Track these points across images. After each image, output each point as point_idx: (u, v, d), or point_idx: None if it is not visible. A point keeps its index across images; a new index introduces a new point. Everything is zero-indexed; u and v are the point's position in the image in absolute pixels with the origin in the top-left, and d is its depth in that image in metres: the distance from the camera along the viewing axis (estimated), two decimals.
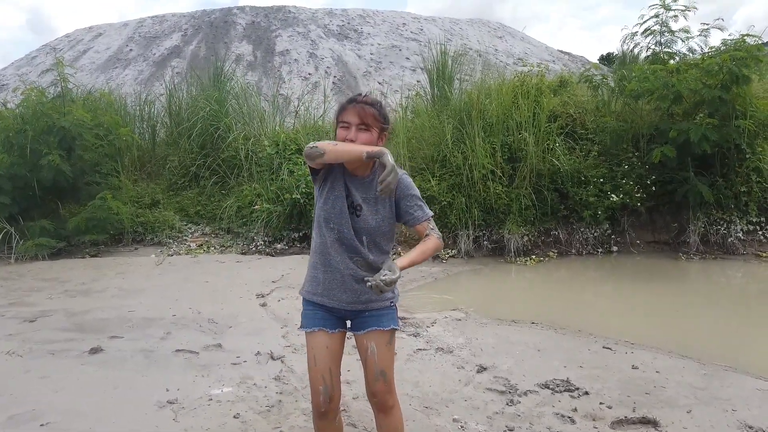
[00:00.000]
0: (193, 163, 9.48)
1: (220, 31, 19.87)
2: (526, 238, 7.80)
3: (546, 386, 3.47)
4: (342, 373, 2.31)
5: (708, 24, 8.39)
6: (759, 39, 7.88)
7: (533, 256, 7.76)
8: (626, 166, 8.16)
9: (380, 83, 16.39)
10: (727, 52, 7.54)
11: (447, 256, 7.65)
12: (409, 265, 2.06)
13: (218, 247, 8.20)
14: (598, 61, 18.24)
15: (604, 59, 19.76)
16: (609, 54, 20.37)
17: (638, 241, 8.20)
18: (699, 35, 8.45)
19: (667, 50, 8.71)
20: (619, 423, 3.03)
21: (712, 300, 6.25)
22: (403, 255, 2.15)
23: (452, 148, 8.07)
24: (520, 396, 3.34)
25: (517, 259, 7.63)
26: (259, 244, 8.05)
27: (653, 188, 8.02)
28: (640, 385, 3.52)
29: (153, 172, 10.07)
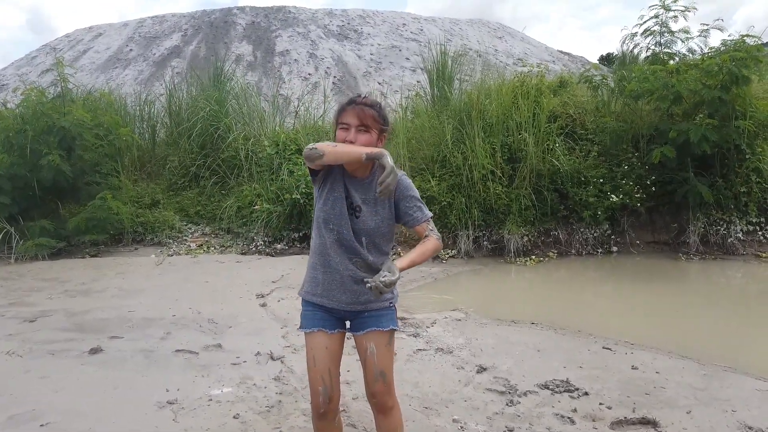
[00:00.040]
0: (193, 163, 9.48)
1: (220, 31, 19.87)
2: (526, 239, 7.81)
3: (546, 387, 3.48)
4: (342, 373, 2.31)
5: (708, 24, 8.40)
6: (759, 39, 7.89)
7: (533, 257, 7.76)
8: (626, 167, 8.17)
9: (380, 83, 16.40)
10: (726, 52, 7.54)
11: (447, 256, 7.66)
12: (408, 266, 2.06)
13: (218, 248, 8.21)
14: (598, 62, 18.24)
15: (604, 59, 19.75)
16: (609, 54, 20.36)
17: (638, 242, 8.21)
18: (699, 36, 8.47)
19: (666, 51, 8.72)
20: (619, 423, 3.03)
21: (712, 300, 6.25)
22: (402, 255, 2.15)
23: (452, 149, 8.08)
24: (519, 396, 3.34)
25: (517, 259, 7.64)
26: (259, 244, 8.05)
27: (653, 189, 8.02)
28: (639, 385, 3.53)
29: (153, 172, 10.07)
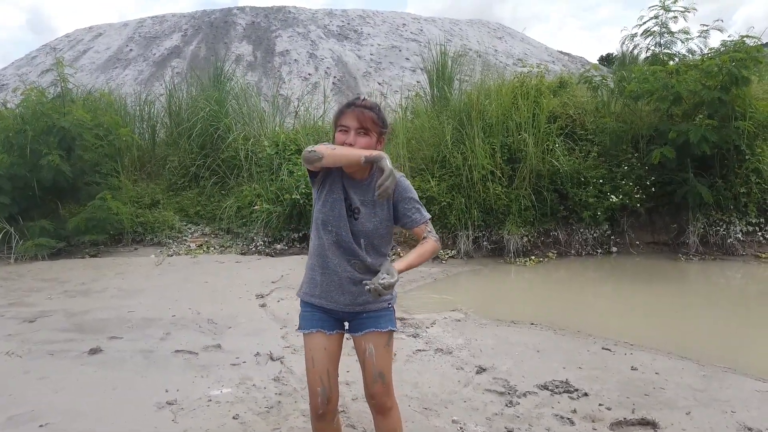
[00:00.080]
0: (193, 163, 9.48)
1: (220, 31, 19.87)
2: (526, 239, 7.81)
3: (545, 387, 3.48)
4: (341, 374, 2.31)
5: (707, 25, 8.43)
6: (758, 40, 7.89)
7: (533, 257, 7.77)
8: (626, 167, 8.17)
9: (380, 84, 16.40)
10: (726, 53, 7.55)
11: (446, 256, 7.66)
12: (406, 268, 2.07)
13: (218, 248, 8.21)
14: (598, 62, 18.28)
15: (604, 60, 19.77)
16: (609, 55, 20.39)
17: (637, 242, 8.21)
18: (698, 36, 8.50)
19: (666, 51, 8.73)
20: (618, 424, 3.03)
21: (712, 301, 6.25)
22: (402, 256, 2.16)
23: (452, 149, 8.08)
24: (519, 397, 3.34)
25: (517, 259, 7.64)
26: (258, 244, 8.05)
27: (653, 189, 8.02)
28: (639, 386, 3.53)
29: (153, 173, 10.07)
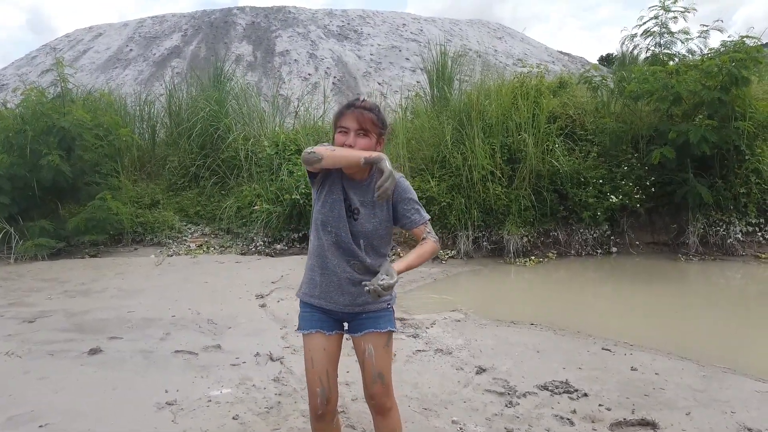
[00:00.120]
0: (193, 163, 9.48)
1: (220, 31, 19.87)
2: (526, 239, 7.81)
3: (545, 388, 3.48)
4: (341, 374, 2.31)
5: (707, 25, 8.42)
6: (758, 40, 7.89)
7: (532, 257, 7.76)
8: (625, 168, 8.17)
9: (380, 84, 16.40)
10: (726, 53, 7.54)
11: (446, 256, 7.66)
12: (406, 268, 2.07)
13: (218, 248, 8.21)
14: (598, 62, 18.29)
15: (604, 60, 19.79)
16: (608, 55, 20.41)
17: (637, 242, 8.21)
18: (698, 36, 8.49)
19: (666, 51, 8.73)
20: (618, 425, 3.03)
21: (712, 301, 6.25)
22: (401, 257, 2.16)
23: (452, 149, 8.08)
24: (519, 397, 3.34)
25: (517, 260, 7.64)
26: (258, 244, 8.05)
27: (652, 189, 8.02)
28: (639, 386, 3.53)
29: (153, 173, 10.07)
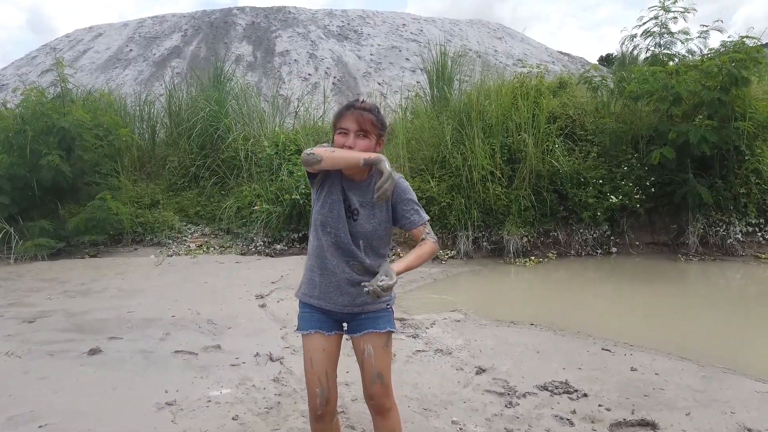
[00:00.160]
0: (193, 163, 9.48)
1: (220, 31, 19.88)
2: (526, 239, 7.81)
3: (545, 388, 3.47)
4: (340, 374, 2.31)
5: (707, 26, 8.41)
6: (758, 41, 7.89)
7: (532, 257, 7.76)
8: (625, 168, 8.17)
9: (380, 84, 16.41)
10: (726, 53, 7.54)
11: (446, 257, 7.66)
12: (405, 269, 2.08)
13: (218, 248, 8.20)
14: (598, 62, 18.31)
15: (604, 60, 19.80)
16: (608, 55, 20.43)
17: (637, 243, 8.21)
18: (698, 37, 8.47)
19: (666, 52, 8.72)
20: (618, 425, 3.03)
21: (711, 301, 6.25)
22: (402, 256, 2.16)
23: (452, 149, 8.08)
24: (518, 398, 3.34)
25: (517, 260, 7.64)
26: (258, 244, 8.05)
27: (652, 190, 8.02)
28: (639, 387, 3.52)
29: (153, 173, 10.07)
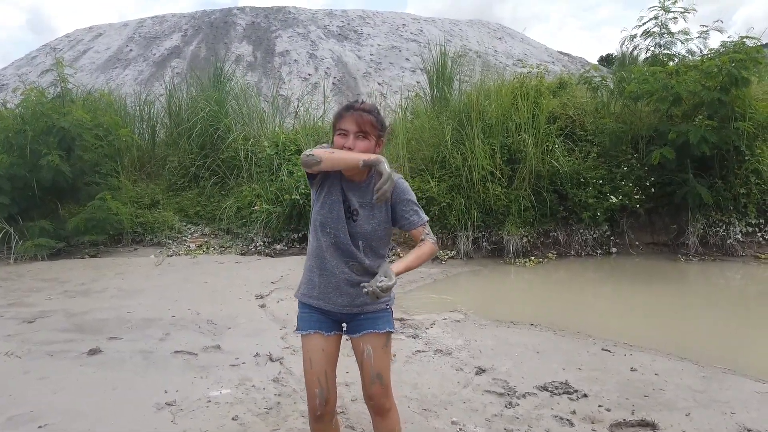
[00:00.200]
0: (193, 163, 9.49)
1: (220, 31, 19.88)
2: (525, 240, 7.81)
3: (545, 388, 3.47)
4: (340, 375, 2.31)
5: (707, 26, 8.40)
6: (758, 41, 7.89)
7: (532, 258, 7.76)
8: (625, 168, 8.17)
9: (380, 84, 16.41)
10: (726, 54, 7.54)
11: (446, 257, 7.65)
12: (404, 270, 2.08)
13: (217, 248, 8.20)
14: (598, 63, 18.31)
15: (604, 60, 19.81)
16: (608, 55, 20.44)
17: (637, 243, 8.21)
18: (698, 37, 8.47)
19: (666, 52, 8.71)
20: (618, 426, 3.02)
21: (711, 302, 6.25)
22: (401, 257, 2.16)
23: (451, 150, 8.08)
24: (518, 398, 3.34)
25: (516, 260, 7.64)
26: (258, 244, 8.05)
27: (652, 190, 8.02)
28: (638, 387, 3.52)
29: (153, 173, 10.08)
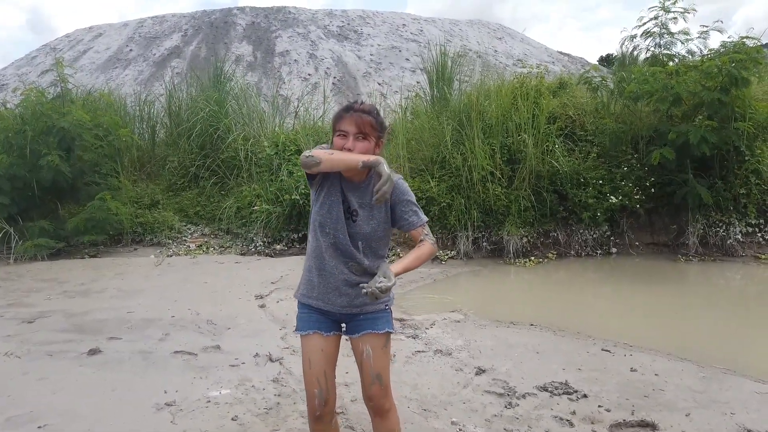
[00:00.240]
0: (193, 163, 9.48)
1: (220, 31, 19.88)
2: (525, 240, 7.81)
3: (544, 389, 3.47)
4: (340, 375, 2.31)
5: (707, 26, 8.40)
6: (758, 41, 7.88)
7: (532, 258, 7.76)
8: (625, 168, 8.16)
9: (380, 84, 16.41)
10: (726, 54, 7.54)
11: (446, 257, 7.65)
12: (403, 270, 2.07)
13: (217, 248, 8.20)
14: (598, 63, 18.30)
15: (604, 60, 19.80)
16: (608, 55, 20.43)
17: (637, 243, 8.21)
18: (698, 37, 8.47)
19: (666, 52, 8.71)
20: (618, 426, 3.02)
21: (711, 302, 6.24)
22: (399, 258, 2.16)
23: (451, 150, 8.08)
24: (518, 399, 3.34)
25: (516, 260, 7.63)
26: (258, 244, 8.05)
27: (652, 190, 8.02)
28: (638, 387, 3.52)
29: (152, 173, 10.07)
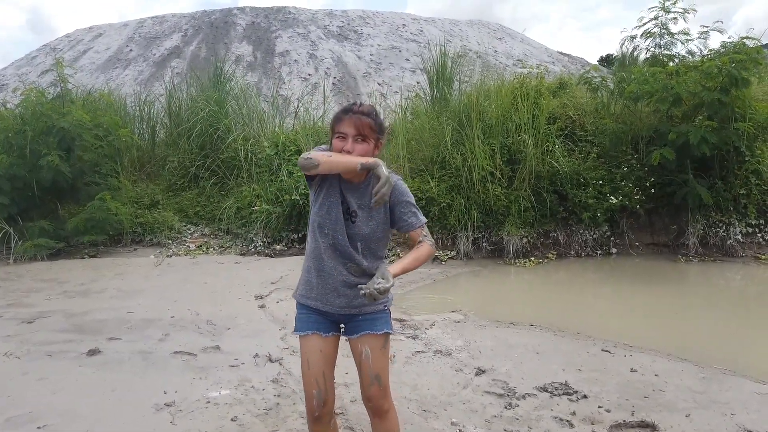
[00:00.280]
0: (193, 163, 9.49)
1: (220, 31, 19.87)
2: (525, 240, 7.80)
3: (544, 389, 3.47)
4: (339, 376, 2.31)
5: (707, 26, 8.40)
6: (758, 41, 7.88)
7: (532, 258, 7.76)
8: (625, 168, 8.16)
9: (380, 84, 16.41)
10: (726, 54, 7.54)
11: (446, 257, 7.65)
12: (402, 272, 2.07)
13: (217, 248, 8.20)
14: (598, 63, 18.30)
15: (604, 61, 19.80)
16: (608, 55, 20.43)
17: (637, 243, 8.20)
18: (698, 37, 8.47)
19: (666, 52, 8.71)
20: (618, 427, 3.02)
21: (711, 302, 6.24)
22: (398, 259, 2.15)
23: (451, 150, 8.08)
24: (518, 399, 3.34)
25: (516, 260, 7.63)
26: (258, 245, 8.04)
27: (652, 190, 8.01)
28: (638, 388, 3.52)
29: (152, 173, 10.07)
